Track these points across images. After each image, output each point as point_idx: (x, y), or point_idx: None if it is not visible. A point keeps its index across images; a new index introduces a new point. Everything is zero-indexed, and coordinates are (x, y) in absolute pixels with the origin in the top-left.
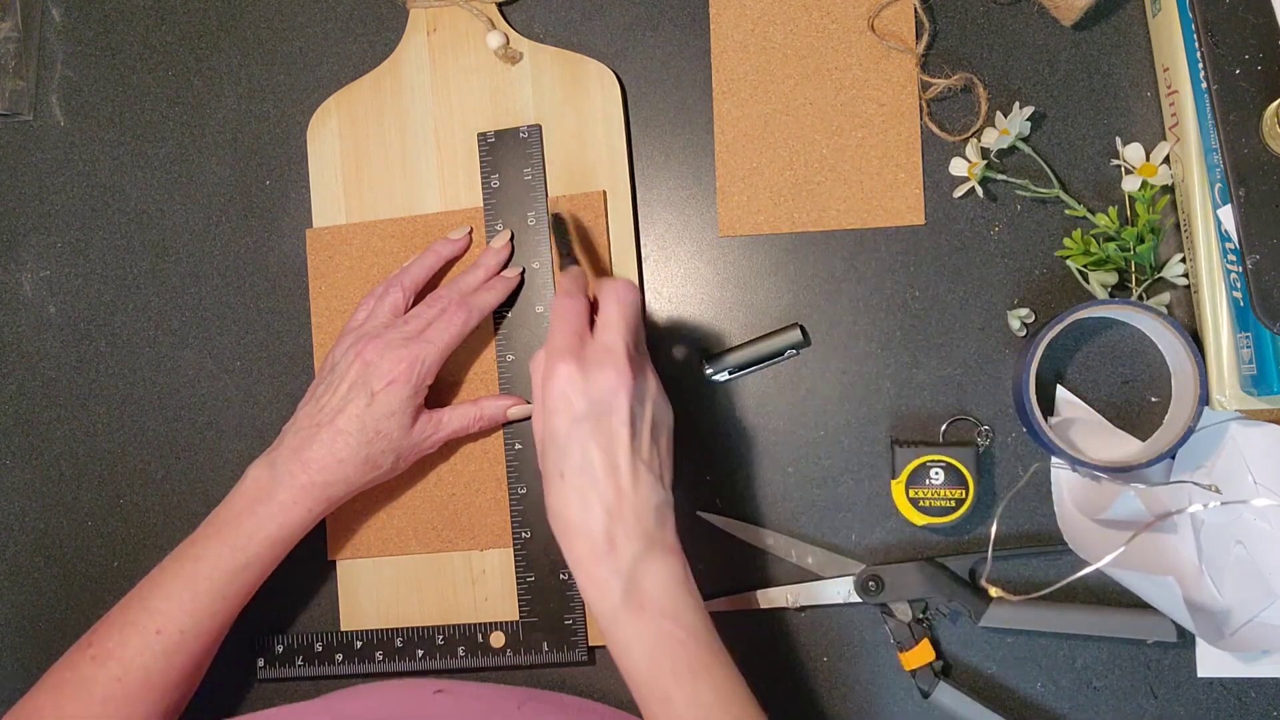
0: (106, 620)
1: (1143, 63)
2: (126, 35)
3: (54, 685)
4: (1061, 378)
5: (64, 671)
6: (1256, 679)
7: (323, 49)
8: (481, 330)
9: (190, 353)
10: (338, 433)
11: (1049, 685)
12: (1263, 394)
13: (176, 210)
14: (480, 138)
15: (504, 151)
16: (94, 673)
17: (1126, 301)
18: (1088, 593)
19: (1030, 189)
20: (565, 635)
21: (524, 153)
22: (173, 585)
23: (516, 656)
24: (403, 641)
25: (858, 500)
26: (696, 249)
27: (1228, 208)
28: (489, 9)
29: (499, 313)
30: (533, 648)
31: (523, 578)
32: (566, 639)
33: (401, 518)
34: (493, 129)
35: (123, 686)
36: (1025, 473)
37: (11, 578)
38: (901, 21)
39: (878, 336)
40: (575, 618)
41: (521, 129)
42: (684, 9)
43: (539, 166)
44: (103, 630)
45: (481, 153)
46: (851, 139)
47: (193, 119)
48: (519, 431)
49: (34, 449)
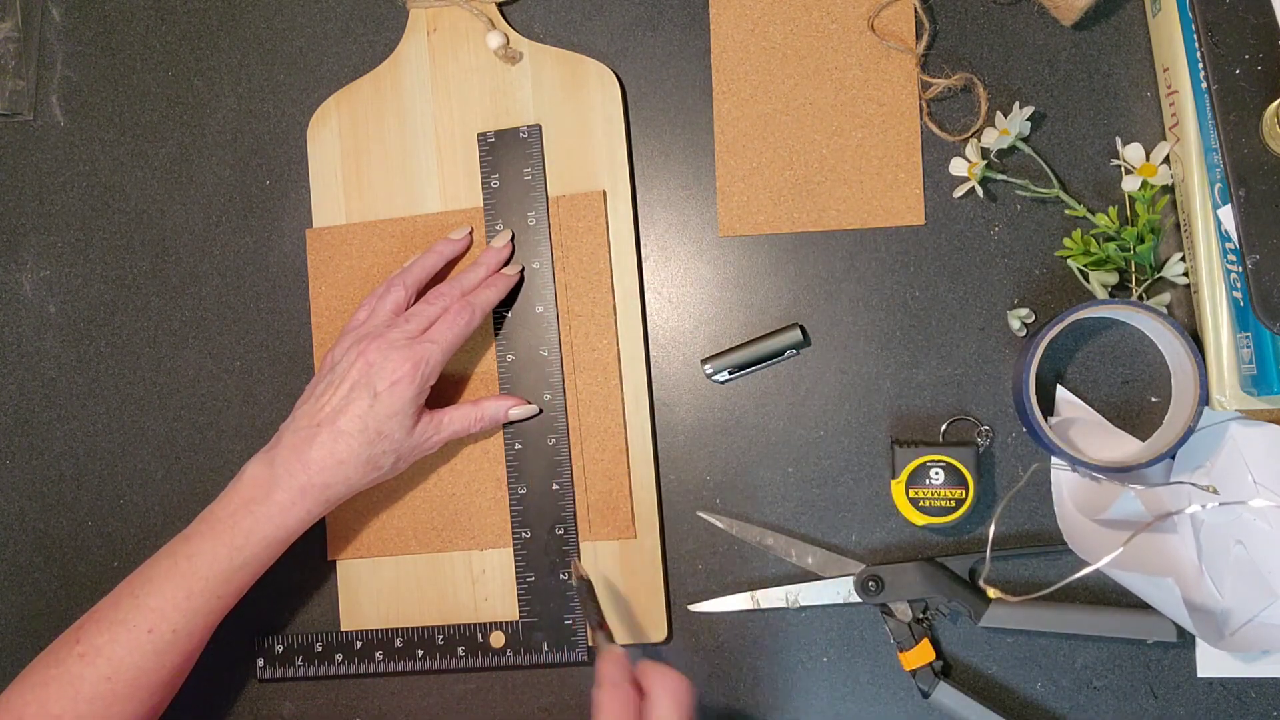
0: (95, 616)
1: (1143, 63)
2: (126, 35)
3: (39, 683)
4: (1061, 378)
5: (49, 669)
6: (1256, 679)
7: (323, 49)
8: (482, 330)
9: (190, 353)
10: (339, 433)
11: (1049, 685)
12: (1263, 394)
13: (176, 210)
14: (480, 138)
15: (504, 151)
16: (81, 671)
17: (1126, 301)
18: (1087, 593)
19: (1030, 189)
20: (565, 635)
21: (524, 153)
22: (166, 583)
23: (516, 656)
24: (403, 642)
25: (858, 500)
26: (696, 249)
27: (1228, 208)
28: (489, 9)
29: (499, 312)
30: (533, 648)
31: (523, 578)
32: (566, 639)
33: (401, 518)
34: (493, 129)
35: (111, 686)
36: (1025, 473)
37: (11, 578)
38: (901, 21)
39: (878, 336)
40: (575, 618)
41: (521, 129)
42: (684, 9)
43: (539, 166)
44: (91, 627)
45: (482, 153)
46: (851, 139)
47: (193, 119)
48: (520, 431)
49: (34, 449)
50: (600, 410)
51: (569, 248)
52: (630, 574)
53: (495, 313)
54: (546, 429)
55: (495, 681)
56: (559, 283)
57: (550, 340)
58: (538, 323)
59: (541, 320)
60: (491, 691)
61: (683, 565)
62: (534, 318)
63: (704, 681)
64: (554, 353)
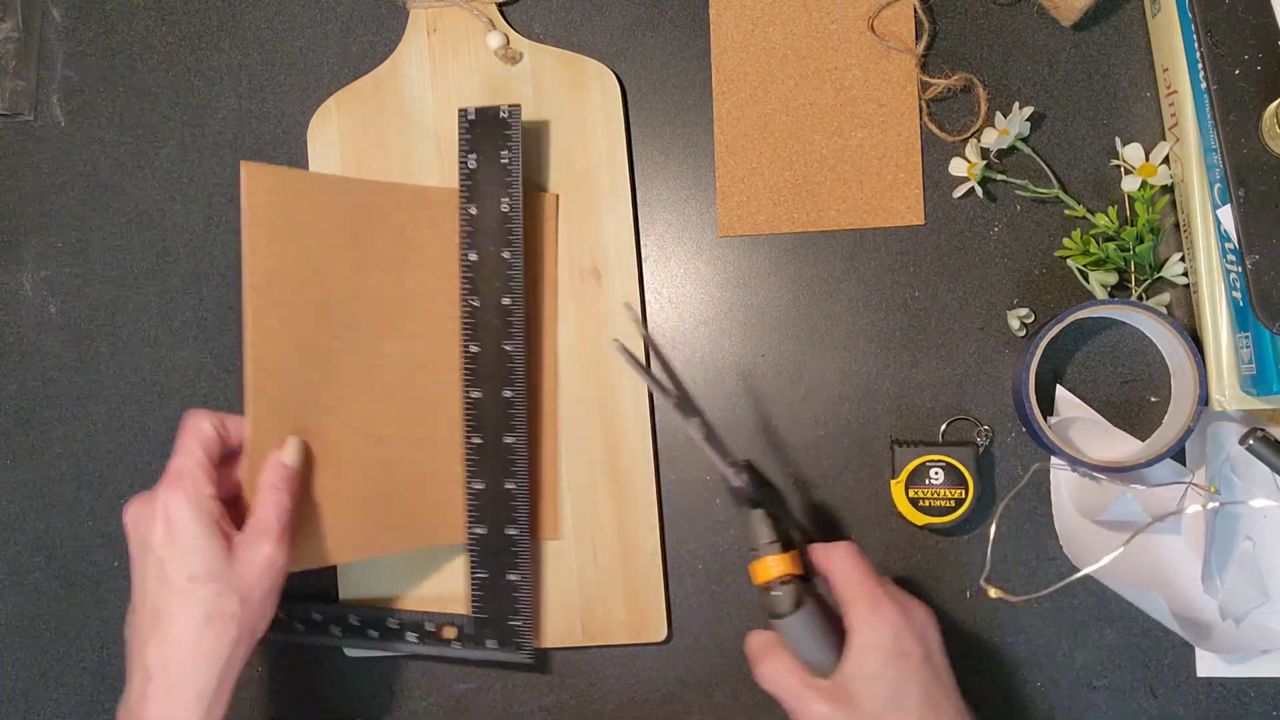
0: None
1: (1142, 63)
2: (126, 35)
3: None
4: (1061, 378)
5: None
6: (1256, 679)
7: (323, 49)
8: (449, 318)
9: (190, 353)
10: (155, 615)
11: (1049, 685)
12: (1262, 394)
13: (176, 210)
14: (461, 114)
15: (483, 131)
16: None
17: (1126, 301)
18: (1087, 593)
19: (1030, 189)
20: (510, 634)
21: (502, 133)
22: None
23: (464, 650)
24: (358, 620)
25: (858, 500)
26: (696, 249)
27: (1227, 208)
28: (489, 9)
29: (468, 301)
30: (479, 643)
31: (475, 573)
32: (511, 638)
33: (352, 517)
34: (471, 107)
35: None
36: (1025, 473)
37: (11, 578)
38: (901, 21)
39: (878, 336)
40: (521, 621)
41: (503, 108)
42: (684, 9)
43: (517, 151)
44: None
45: (461, 130)
46: (851, 139)
47: (193, 119)
48: (481, 425)
49: (34, 449)
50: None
51: (527, 242)
52: (630, 574)
53: (464, 301)
54: (504, 427)
55: (495, 681)
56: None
57: (516, 335)
58: (505, 314)
59: (510, 313)
60: (491, 691)
61: (683, 565)
62: (500, 310)
63: (705, 681)
64: (519, 349)
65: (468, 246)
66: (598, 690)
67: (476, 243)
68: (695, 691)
